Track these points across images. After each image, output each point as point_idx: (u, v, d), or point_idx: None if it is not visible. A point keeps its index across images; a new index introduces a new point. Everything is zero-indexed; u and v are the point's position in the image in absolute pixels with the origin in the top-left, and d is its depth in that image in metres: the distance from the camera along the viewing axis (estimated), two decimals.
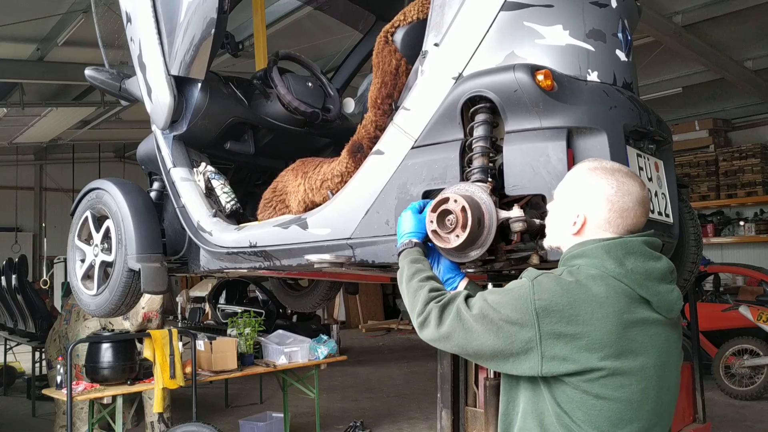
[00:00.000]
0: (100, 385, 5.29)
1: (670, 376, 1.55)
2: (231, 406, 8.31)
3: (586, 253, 1.55)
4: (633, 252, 1.52)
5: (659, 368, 1.50)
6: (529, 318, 1.48)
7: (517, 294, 1.52)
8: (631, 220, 1.57)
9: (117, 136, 14.42)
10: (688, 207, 2.58)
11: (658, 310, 1.51)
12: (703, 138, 11.35)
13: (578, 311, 1.46)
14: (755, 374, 7.65)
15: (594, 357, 1.45)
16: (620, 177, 1.59)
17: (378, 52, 2.37)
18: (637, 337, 1.47)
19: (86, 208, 3.32)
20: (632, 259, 1.51)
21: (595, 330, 1.45)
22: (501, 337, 1.50)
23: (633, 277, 1.50)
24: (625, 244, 1.53)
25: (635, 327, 1.48)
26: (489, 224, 1.83)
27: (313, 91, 3.20)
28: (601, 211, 1.57)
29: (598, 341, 1.45)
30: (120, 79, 3.33)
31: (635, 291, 1.49)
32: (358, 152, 2.42)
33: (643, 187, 1.60)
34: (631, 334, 1.47)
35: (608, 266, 1.51)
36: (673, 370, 1.56)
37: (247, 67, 6.47)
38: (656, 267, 1.53)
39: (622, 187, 1.57)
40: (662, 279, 1.53)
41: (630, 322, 1.47)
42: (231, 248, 2.77)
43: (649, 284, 1.51)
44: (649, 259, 1.53)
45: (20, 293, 8.65)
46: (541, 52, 1.98)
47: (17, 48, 8.41)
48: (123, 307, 3.19)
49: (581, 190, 1.61)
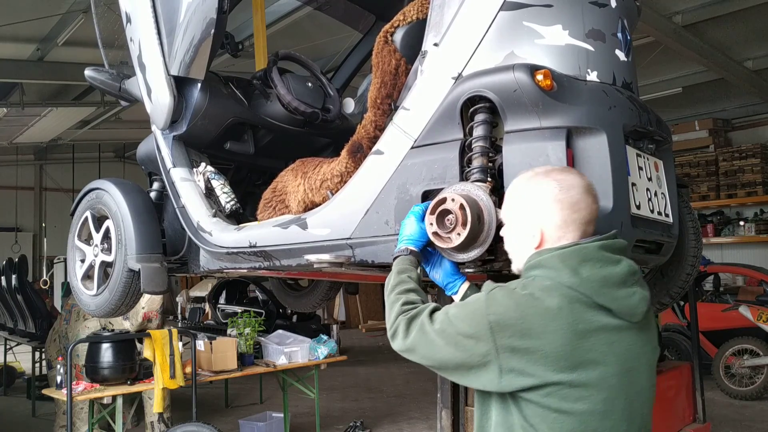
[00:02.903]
0: (100, 385, 5.29)
1: (640, 380, 1.52)
2: (231, 406, 8.31)
3: (542, 263, 1.54)
4: (589, 258, 1.50)
5: (624, 375, 1.48)
6: (484, 332, 1.48)
7: (472, 308, 1.53)
8: (584, 211, 1.56)
9: (117, 136, 14.42)
10: (688, 207, 2.58)
11: (619, 316, 1.48)
12: (703, 138, 11.35)
13: (530, 325, 1.45)
14: (755, 374, 7.65)
15: (549, 371, 1.44)
16: (557, 175, 1.60)
17: (378, 52, 2.37)
18: (596, 347, 1.45)
19: (86, 208, 3.32)
20: (588, 266, 1.49)
21: (549, 343, 1.44)
22: (460, 350, 1.52)
23: (588, 286, 1.47)
24: (580, 251, 1.51)
25: (593, 336, 1.45)
26: (489, 221, 1.83)
27: (313, 91, 3.20)
28: (553, 215, 1.57)
29: (553, 354, 1.43)
30: (120, 79, 3.32)
31: (591, 299, 1.47)
32: (358, 152, 2.42)
33: (583, 176, 1.62)
34: (588, 344, 1.44)
35: (562, 276, 1.49)
36: (643, 374, 1.53)
37: (247, 67, 6.47)
38: (614, 272, 1.49)
39: (563, 183, 1.58)
40: (621, 283, 1.49)
41: (586, 332, 1.45)
42: (231, 248, 2.77)
43: (606, 291, 1.48)
44: (607, 264, 1.50)
45: (20, 293, 8.65)
46: (541, 52, 1.98)
47: (17, 48, 8.41)
48: (123, 307, 3.19)
49: (527, 203, 1.62)
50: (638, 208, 2.04)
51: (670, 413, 4.79)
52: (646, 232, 2.08)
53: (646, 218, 2.09)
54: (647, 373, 1.54)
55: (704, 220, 11.10)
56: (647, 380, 1.54)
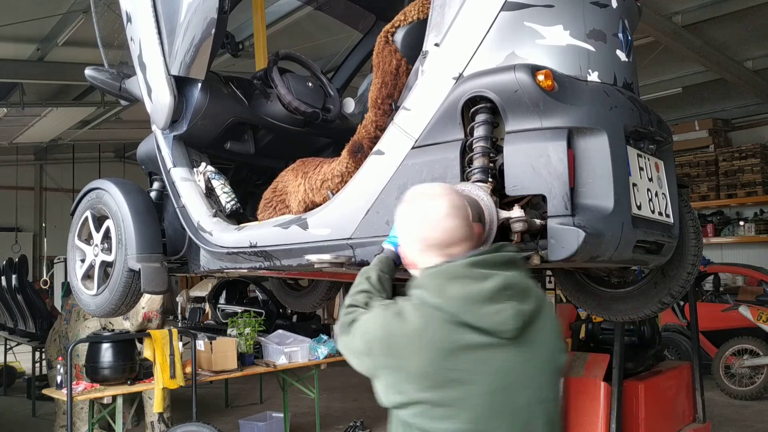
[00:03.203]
0: (100, 385, 5.28)
1: (519, 398, 1.46)
2: (231, 406, 8.31)
3: (418, 283, 1.54)
4: (455, 276, 1.47)
5: (499, 393, 1.43)
6: (365, 348, 1.54)
7: (363, 323, 1.57)
8: (445, 233, 1.53)
9: (117, 136, 14.41)
10: (688, 207, 2.58)
11: (489, 333, 1.44)
12: (703, 138, 11.34)
13: (395, 344, 1.46)
14: (755, 374, 7.65)
15: (414, 389, 1.44)
16: (421, 200, 1.59)
17: (378, 52, 2.37)
18: (461, 365, 1.42)
19: (86, 208, 3.32)
20: (455, 284, 1.46)
21: (412, 363, 1.44)
22: (359, 361, 1.57)
23: (453, 304, 1.45)
24: (448, 270, 1.49)
25: (459, 355, 1.42)
26: (489, 222, 1.83)
27: (313, 91, 3.20)
28: (416, 240, 1.59)
29: (417, 374, 1.43)
30: (120, 79, 3.32)
31: (457, 318, 1.44)
32: (359, 152, 2.41)
33: (447, 197, 1.56)
34: (452, 363, 1.42)
35: (429, 296, 1.47)
36: (525, 392, 1.46)
37: (247, 67, 6.47)
38: (481, 288, 1.45)
39: (422, 208, 1.57)
40: (488, 300, 1.44)
41: (452, 351, 1.42)
42: (231, 248, 2.77)
43: (471, 308, 1.43)
44: (475, 281, 1.46)
45: (20, 293, 8.65)
46: (542, 53, 1.98)
47: (17, 48, 8.41)
48: (123, 307, 3.19)
49: (400, 227, 1.65)
50: (639, 209, 2.04)
51: (670, 413, 4.79)
52: (646, 233, 2.08)
53: (647, 218, 2.09)
54: (533, 390, 1.48)
55: (704, 220, 11.09)
56: (534, 397, 1.47)
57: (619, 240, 1.93)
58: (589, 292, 2.75)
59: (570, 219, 1.82)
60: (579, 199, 1.86)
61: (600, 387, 4.21)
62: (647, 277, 2.58)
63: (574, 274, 2.77)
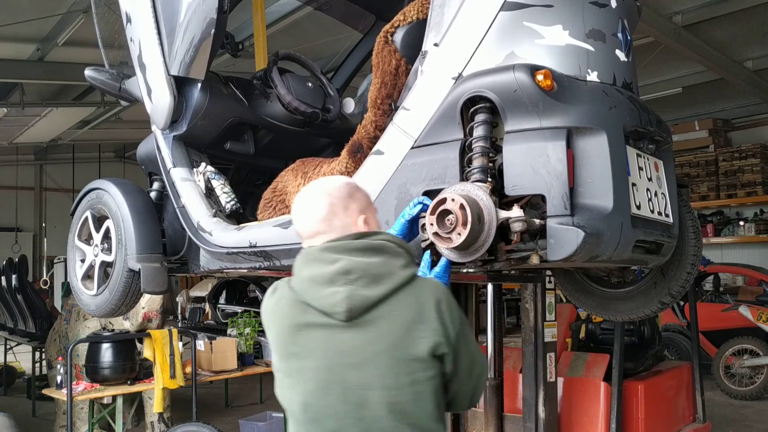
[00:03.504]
0: (100, 385, 5.29)
1: (352, 378, 1.51)
2: (231, 406, 8.31)
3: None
4: (311, 259, 1.59)
5: (328, 370, 1.52)
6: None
7: None
8: (299, 227, 1.68)
9: (117, 136, 14.40)
10: (688, 207, 2.58)
11: (326, 314, 1.53)
12: (703, 138, 11.33)
13: (264, 318, 1.68)
14: (755, 374, 7.64)
15: (275, 359, 1.64)
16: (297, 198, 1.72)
17: (378, 52, 2.37)
18: (302, 341, 1.55)
19: (86, 208, 3.32)
20: (307, 266, 1.59)
21: (270, 336, 1.65)
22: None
23: (301, 285, 1.58)
24: (306, 254, 1.63)
25: (302, 331, 1.55)
26: (489, 221, 1.83)
27: (313, 91, 3.20)
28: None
29: (273, 346, 1.63)
30: (120, 79, 3.32)
31: (301, 297, 1.57)
32: (358, 152, 2.42)
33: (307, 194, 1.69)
34: (297, 338, 1.56)
35: (291, 277, 1.63)
36: (358, 373, 1.51)
37: (247, 67, 6.47)
38: (325, 271, 1.54)
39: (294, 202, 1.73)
40: (329, 282, 1.53)
41: (296, 327, 1.56)
42: (231, 248, 2.77)
43: (313, 289, 1.55)
44: (323, 263, 1.55)
45: (20, 293, 8.65)
46: (541, 52, 1.98)
47: (17, 48, 8.40)
48: (123, 307, 3.19)
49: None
50: (638, 209, 2.04)
51: (670, 413, 4.79)
52: (646, 232, 2.08)
53: (647, 218, 2.09)
54: (369, 374, 1.51)
55: (704, 220, 11.09)
56: (369, 381, 1.51)
57: (619, 240, 1.93)
58: (588, 292, 2.75)
59: (569, 219, 1.82)
60: (578, 199, 1.86)
61: (600, 387, 4.20)
62: (647, 277, 2.58)
63: (573, 273, 2.77)
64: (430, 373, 1.52)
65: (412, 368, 1.50)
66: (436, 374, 1.53)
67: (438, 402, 1.55)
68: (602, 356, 4.43)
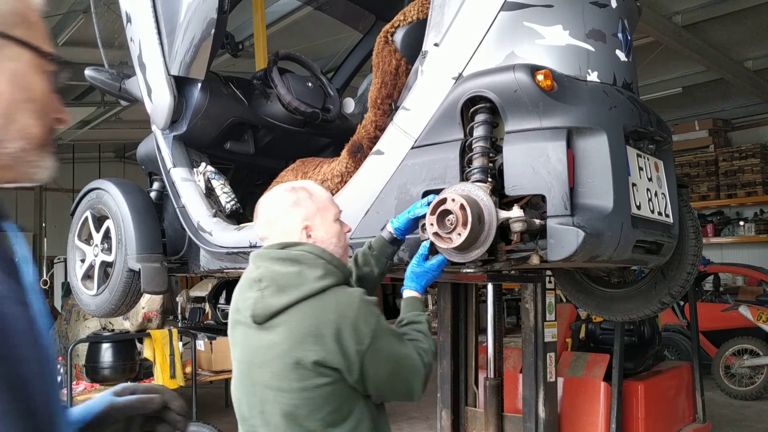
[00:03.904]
0: (100, 385, 5.29)
1: (256, 375, 1.65)
2: (231, 406, 8.30)
3: None
4: (249, 263, 1.76)
5: (242, 365, 1.71)
6: None
7: None
8: (255, 230, 1.87)
9: (117, 136, 14.40)
10: (688, 207, 2.58)
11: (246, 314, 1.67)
12: (703, 138, 11.33)
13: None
14: (755, 374, 7.64)
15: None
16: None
17: (378, 52, 2.37)
18: (235, 335, 1.74)
19: (86, 208, 3.32)
20: (246, 269, 1.75)
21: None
22: None
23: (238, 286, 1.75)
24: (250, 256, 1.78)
25: (235, 327, 1.73)
26: (489, 221, 1.83)
27: (313, 91, 3.20)
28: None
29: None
30: (120, 79, 3.33)
31: (234, 297, 1.76)
32: (358, 152, 2.42)
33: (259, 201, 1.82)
34: (233, 331, 1.75)
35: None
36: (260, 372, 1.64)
37: (247, 67, 6.47)
38: (248, 276, 1.71)
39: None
40: (248, 287, 1.69)
41: (233, 322, 1.74)
42: (231, 248, 2.77)
43: (240, 291, 1.73)
44: (250, 268, 1.73)
45: None
46: (541, 52, 1.98)
47: None
48: (123, 307, 3.19)
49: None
50: (639, 209, 2.04)
51: (670, 413, 4.79)
52: (646, 233, 2.08)
53: (647, 218, 2.09)
54: (268, 375, 1.62)
55: (704, 220, 11.08)
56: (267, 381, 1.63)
57: (619, 240, 1.93)
58: (588, 292, 2.75)
59: (569, 219, 1.82)
60: (578, 199, 1.86)
61: (600, 387, 4.21)
62: (647, 277, 2.59)
63: (573, 274, 2.77)
64: (320, 381, 1.57)
65: (301, 375, 1.57)
66: (331, 382, 1.58)
67: (335, 407, 1.59)
68: (602, 356, 4.43)
